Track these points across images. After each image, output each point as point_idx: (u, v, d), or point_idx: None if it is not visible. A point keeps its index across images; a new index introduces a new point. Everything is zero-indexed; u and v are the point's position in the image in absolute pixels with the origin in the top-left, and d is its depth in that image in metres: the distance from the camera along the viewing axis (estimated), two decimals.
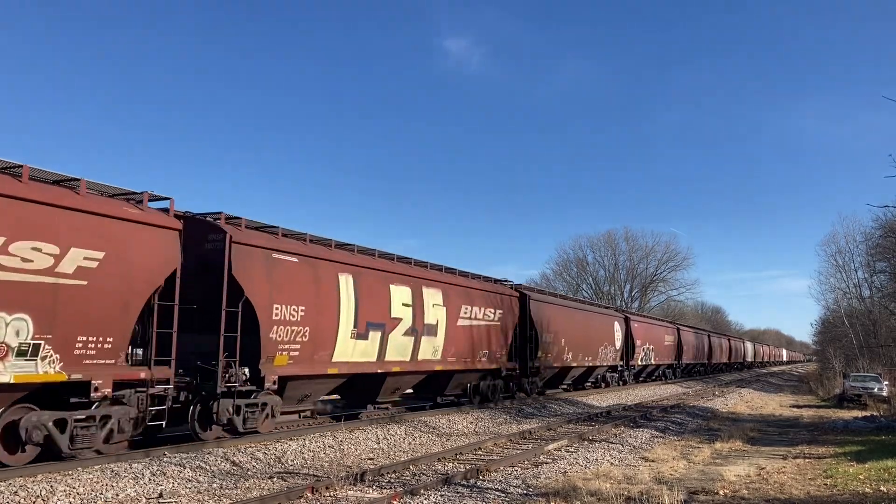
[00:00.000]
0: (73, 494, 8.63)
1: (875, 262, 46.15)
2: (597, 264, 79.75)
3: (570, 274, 79.14)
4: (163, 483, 9.56)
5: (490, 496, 9.56)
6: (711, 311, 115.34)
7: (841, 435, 19.02)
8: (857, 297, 51.21)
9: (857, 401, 29.99)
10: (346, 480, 10.00)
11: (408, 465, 11.69)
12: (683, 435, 18.14)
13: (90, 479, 9.21)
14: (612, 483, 10.40)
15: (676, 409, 25.44)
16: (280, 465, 11.61)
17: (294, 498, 9.03)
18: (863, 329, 47.58)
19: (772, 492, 10.35)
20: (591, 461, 12.99)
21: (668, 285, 79.90)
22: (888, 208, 25.45)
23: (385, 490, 9.70)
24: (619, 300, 74.42)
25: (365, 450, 13.62)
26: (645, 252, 79.24)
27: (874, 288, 48.28)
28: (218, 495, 9.32)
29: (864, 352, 43.26)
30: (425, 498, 9.30)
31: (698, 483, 10.86)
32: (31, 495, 8.34)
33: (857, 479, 11.25)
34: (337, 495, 9.35)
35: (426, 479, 10.52)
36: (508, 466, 12.05)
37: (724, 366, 67.34)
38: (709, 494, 10.02)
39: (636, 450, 14.85)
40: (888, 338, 43.10)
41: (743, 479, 11.36)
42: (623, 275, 79.32)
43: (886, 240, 39.95)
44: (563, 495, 9.44)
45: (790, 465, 13.26)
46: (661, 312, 73.29)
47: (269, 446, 12.48)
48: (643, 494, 9.36)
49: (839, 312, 53.00)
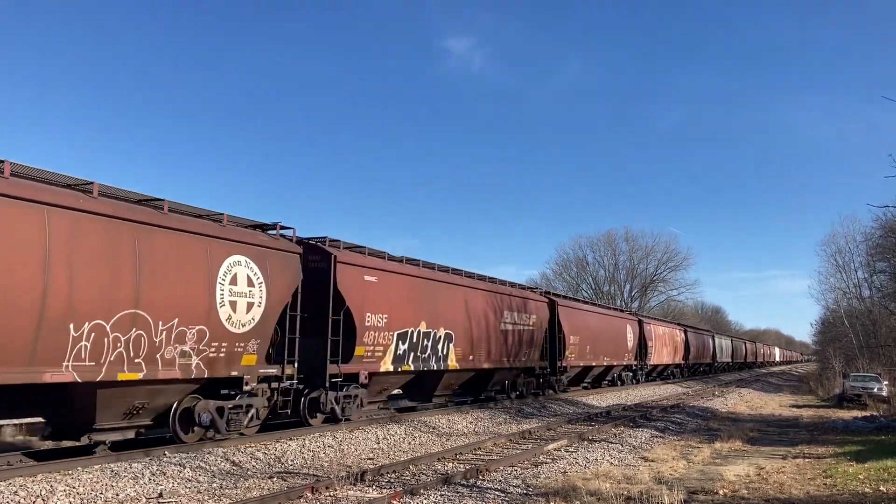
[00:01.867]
0: (73, 494, 8.63)
1: (875, 262, 46.13)
2: (597, 264, 79.77)
3: (570, 274, 79.17)
4: (163, 483, 9.56)
5: (490, 496, 9.57)
6: (711, 311, 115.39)
7: (841, 435, 19.03)
8: (857, 297, 51.20)
9: (857, 401, 29.98)
10: (346, 480, 10.00)
11: (408, 465, 11.69)
12: (683, 435, 18.15)
13: (90, 478, 9.21)
14: (612, 483, 10.41)
15: (676, 409, 25.44)
16: (280, 464, 11.62)
17: (294, 498, 9.04)
18: (863, 329, 47.56)
19: (771, 492, 10.36)
20: (591, 461, 13.00)
21: (668, 285, 79.90)
22: (888, 208, 25.43)
23: (385, 490, 9.71)
24: (619, 300, 74.40)
25: (365, 450, 13.62)
26: (645, 252, 79.24)
27: (874, 288, 48.27)
28: (218, 495, 9.32)
29: (863, 352, 43.26)
30: (425, 498, 9.30)
31: (698, 483, 10.86)
32: (31, 495, 8.35)
33: (856, 479, 11.25)
34: (337, 495, 9.35)
35: (426, 479, 10.53)
36: (508, 466, 12.06)
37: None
38: (708, 494, 10.02)
39: (636, 450, 14.86)
40: (888, 338, 43.09)
41: (742, 479, 11.36)
42: (623, 275, 79.33)
43: (886, 240, 39.94)
44: (562, 495, 9.44)
45: (790, 464, 13.26)
46: (661, 312, 73.29)
47: (269, 446, 12.49)
48: (643, 494, 9.36)
49: (839, 312, 52.96)
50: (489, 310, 21.11)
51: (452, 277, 19.82)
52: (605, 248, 79.37)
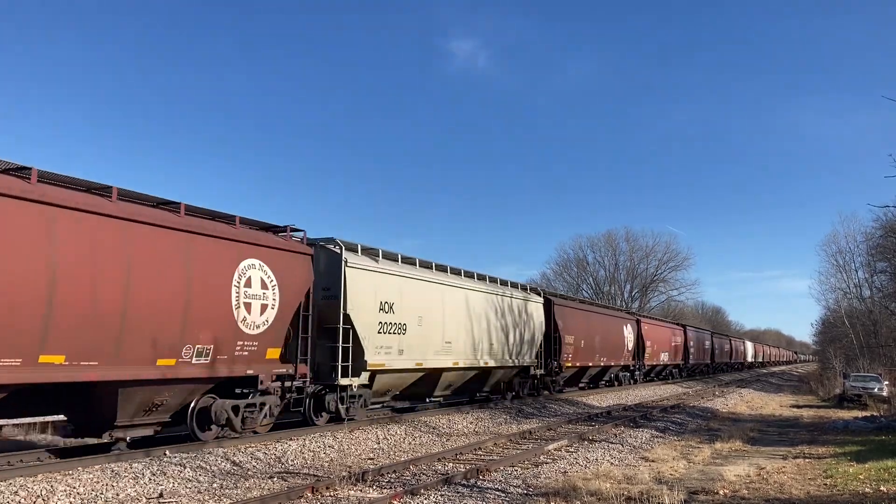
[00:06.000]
0: (74, 494, 8.62)
1: (875, 262, 46.13)
2: (597, 264, 79.76)
3: (570, 274, 79.14)
4: (163, 483, 9.56)
5: (490, 496, 9.57)
6: (712, 311, 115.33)
7: (841, 435, 19.01)
8: (858, 298, 51.23)
9: (857, 401, 29.99)
10: (346, 480, 10.00)
11: (408, 465, 11.69)
12: (683, 435, 18.14)
13: (90, 478, 9.20)
14: (612, 483, 10.40)
15: (676, 409, 25.44)
16: (280, 464, 11.62)
17: (294, 498, 9.03)
18: (863, 329, 47.56)
19: (772, 492, 10.35)
20: (591, 461, 13.00)
21: (668, 285, 79.90)
22: (888, 208, 25.48)
23: (385, 490, 9.71)
24: (619, 300, 74.39)
25: (365, 450, 13.62)
26: (645, 252, 79.24)
27: (874, 288, 48.31)
28: (218, 495, 9.32)
29: (864, 352, 43.26)
30: (425, 498, 9.30)
31: (698, 483, 10.86)
32: (31, 495, 8.34)
33: (856, 479, 11.25)
34: (337, 495, 9.35)
35: (426, 479, 10.53)
36: (508, 466, 12.05)
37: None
38: (709, 494, 10.02)
39: (636, 450, 14.86)
40: (888, 338, 43.10)
41: (743, 479, 11.35)
42: (623, 275, 79.34)
43: (887, 240, 39.95)
44: (563, 495, 9.44)
45: (790, 465, 13.26)
46: (661, 312, 73.26)
47: (269, 446, 12.49)
48: (643, 494, 9.36)
49: (839, 312, 52.97)
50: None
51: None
52: (605, 248, 79.46)
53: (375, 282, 16.00)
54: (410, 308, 17.20)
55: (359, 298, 15.30)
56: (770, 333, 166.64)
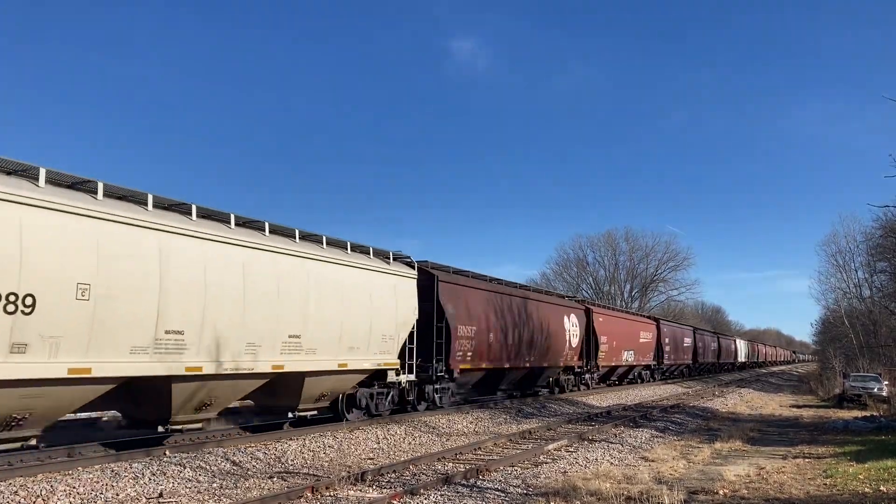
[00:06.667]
0: (74, 494, 8.62)
1: (875, 262, 46.05)
2: (597, 264, 79.81)
3: (570, 274, 79.19)
4: (163, 483, 9.56)
5: (490, 496, 9.57)
6: (711, 311, 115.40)
7: (841, 435, 19.02)
8: (858, 297, 51.18)
9: (857, 401, 29.98)
10: (346, 480, 10.00)
11: (408, 465, 11.69)
12: (683, 435, 18.15)
13: (90, 478, 9.20)
14: (612, 483, 10.40)
15: (676, 409, 25.44)
16: (280, 464, 11.62)
17: (294, 498, 9.03)
18: (863, 329, 47.52)
19: (771, 492, 10.36)
20: (591, 461, 13.00)
21: (668, 285, 79.96)
22: (888, 208, 25.37)
23: (385, 490, 9.71)
24: (619, 300, 74.38)
25: (365, 450, 13.62)
26: (645, 252, 79.28)
27: (874, 288, 48.24)
28: (218, 495, 9.32)
29: (864, 352, 43.21)
30: (425, 498, 9.30)
31: (698, 483, 10.87)
32: (31, 495, 8.34)
33: (856, 479, 11.25)
34: (337, 495, 9.35)
35: (426, 479, 10.52)
36: (508, 466, 12.05)
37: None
38: (709, 494, 10.02)
39: (636, 450, 14.86)
40: (888, 338, 43.05)
41: (743, 479, 11.36)
42: (623, 275, 79.37)
43: (887, 240, 39.87)
44: (562, 495, 9.44)
45: (790, 464, 13.26)
46: (661, 312, 73.22)
47: (269, 446, 12.49)
48: (643, 494, 9.36)
49: (839, 312, 52.88)
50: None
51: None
52: (605, 248, 79.50)
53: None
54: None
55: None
56: (770, 333, 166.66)
